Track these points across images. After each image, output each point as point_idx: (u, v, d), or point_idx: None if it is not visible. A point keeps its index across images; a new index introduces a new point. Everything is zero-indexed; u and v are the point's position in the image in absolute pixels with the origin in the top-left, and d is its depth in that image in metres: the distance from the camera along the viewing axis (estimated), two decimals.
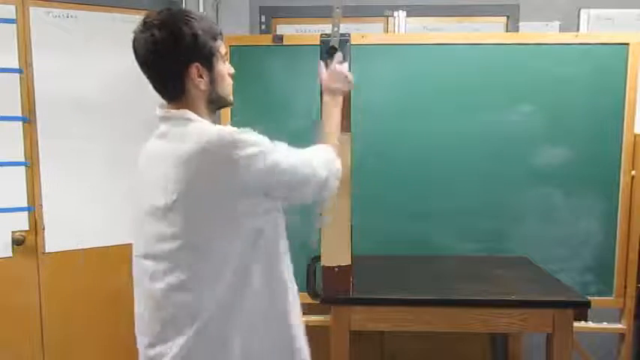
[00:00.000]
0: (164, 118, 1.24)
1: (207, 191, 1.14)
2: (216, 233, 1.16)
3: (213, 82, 1.24)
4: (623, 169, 2.26)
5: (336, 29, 1.58)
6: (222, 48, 1.27)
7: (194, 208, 1.14)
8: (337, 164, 1.36)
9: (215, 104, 1.29)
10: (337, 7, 1.54)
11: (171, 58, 1.18)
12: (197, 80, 1.21)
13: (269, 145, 1.19)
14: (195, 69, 1.20)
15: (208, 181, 1.13)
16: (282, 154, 1.21)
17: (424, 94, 2.30)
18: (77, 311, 2.33)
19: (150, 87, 1.28)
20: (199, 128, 1.18)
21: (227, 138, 1.14)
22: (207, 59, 1.22)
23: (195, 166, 1.13)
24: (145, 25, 1.17)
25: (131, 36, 1.22)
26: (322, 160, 1.31)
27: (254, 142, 1.16)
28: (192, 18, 1.19)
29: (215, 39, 1.23)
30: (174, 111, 1.23)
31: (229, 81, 1.30)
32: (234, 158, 1.12)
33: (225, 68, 1.28)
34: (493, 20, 2.81)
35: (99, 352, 2.40)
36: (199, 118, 1.22)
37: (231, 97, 1.32)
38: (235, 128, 1.19)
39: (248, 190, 1.15)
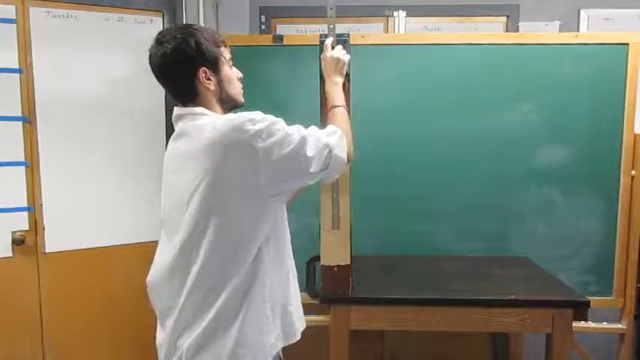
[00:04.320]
0: (180, 116, 1.36)
1: (234, 176, 1.24)
2: (244, 217, 1.27)
3: (221, 83, 1.38)
4: (623, 169, 2.26)
5: (332, 27, 1.58)
6: (227, 54, 1.41)
7: (221, 195, 1.24)
8: (343, 140, 1.42)
9: (227, 104, 1.41)
10: (331, 8, 1.55)
11: (180, 66, 1.32)
12: (206, 82, 1.34)
13: (278, 120, 1.31)
14: (203, 72, 1.33)
15: (232, 166, 1.23)
16: (292, 128, 1.32)
17: (424, 94, 2.30)
18: (77, 311, 2.34)
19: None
20: (213, 119, 1.29)
21: (239, 120, 1.24)
22: (213, 63, 1.36)
23: (217, 154, 1.23)
24: (157, 42, 1.34)
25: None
26: (330, 136, 1.39)
27: (264, 118, 1.27)
28: (196, 30, 1.35)
29: (218, 46, 1.38)
30: (189, 108, 1.35)
31: (238, 83, 1.44)
32: (250, 135, 1.23)
33: (232, 72, 1.41)
34: (493, 20, 2.81)
35: (99, 352, 2.40)
36: (212, 113, 1.35)
37: (241, 98, 1.45)
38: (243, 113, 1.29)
39: (268, 167, 1.25)
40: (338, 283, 1.81)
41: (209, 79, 1.35)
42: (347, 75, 1.69)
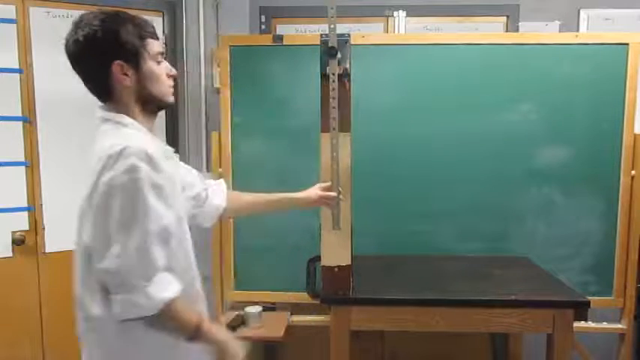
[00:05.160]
0: (102, 119, 1.25)
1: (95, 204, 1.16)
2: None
3: (142, 80, 1.24)
4: (623, 169, 2.26)
5: (332, 27, 1.58)
6: (155, 48, 1.26)
7: (88, 217, 1.19)
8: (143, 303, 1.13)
9: (150, 104, 1.27)
10: (331, 7, 1.54)
11: (93, 57, 1.20)
12: (121, 77, 1.21)
13: (149, 197, 1.13)
14: (118, 66, 1.21)
15: (95, 194, 1.17)
16: (147, 222, 1.13)
17: (424, 94, 2.30)
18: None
19: None
20: (115, 139, 1.17)
21: (122, 159, 1.13)
22: (132, 57, 1.22)
23: (94, 178, 1.17)
24: (74, 26, 1.21)
25: None
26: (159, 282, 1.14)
27: (156, 185, 1.14)
28: (120, 17, 1.22)
29: (142, 38, 1.23)
30: (108, 113, 1.24)
31: (166, 81, 1.29)
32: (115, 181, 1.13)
33: (159, 68, 1.27)
34: (493, 20, 2.81)
35: None
36: (131, 122, 1.23)
37: (168, 98, 1.30)
38: (143, 155, 1.14)
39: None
40: (338, 284, 1.80)
41: (125, 74, 1.21)
42: (347, 75, 1.69)
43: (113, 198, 1.12)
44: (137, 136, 1.20)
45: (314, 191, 1.69)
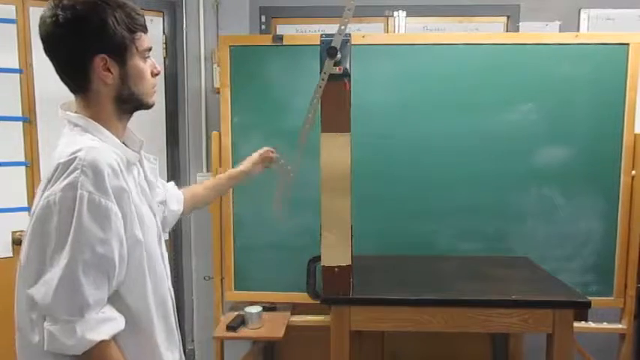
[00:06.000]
0: (65, 121, 1.12)
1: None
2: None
3: (125, 78, 1.10)
4: (623, 169, 2.26)
5: (343, 28, 1.57)
6: (144, 43, 1.12)
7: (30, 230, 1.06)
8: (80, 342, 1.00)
9: (128, 103, 1.14)
10: (348, 9, 1.53)
11: (72, 46, 1.06)
12: (103, 74, 1.08)
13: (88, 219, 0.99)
14: (101, 61, 1.07)
15: (37, 206, 1.04)
16: (81, 254, 0.99)
17: (424, 93, 2.30)
18: None
19: None
20: (72, 146, 1.03)
21: (68, 177, 0.99)
22: (118, 52, 1.08)
23: (42, 186, 1.05)
24: (54, 4, 1.04)
25: None
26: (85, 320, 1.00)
27: (99, 206, 1.00)
28: (108, 3, 1.05)
29: (133, 31, 1.09)
30: (69, 114, 1.11)
31: (150, 80, 1.16)
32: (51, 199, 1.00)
33: (145, 65, 1.13)
34: (493, 20, 2.81)
35: None
36: (93, 128, 1.09)
37: (150, 99, 1.17)
38: (91, 170, 1.00)
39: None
40: (339, 284, 1.80)
41: (108, 70, 1.07)
42: (347, 75, 1.69)
43: (50, 217, 1.00)
44: (95, 145, 1.05)
45: (254, 156, 1.71)
